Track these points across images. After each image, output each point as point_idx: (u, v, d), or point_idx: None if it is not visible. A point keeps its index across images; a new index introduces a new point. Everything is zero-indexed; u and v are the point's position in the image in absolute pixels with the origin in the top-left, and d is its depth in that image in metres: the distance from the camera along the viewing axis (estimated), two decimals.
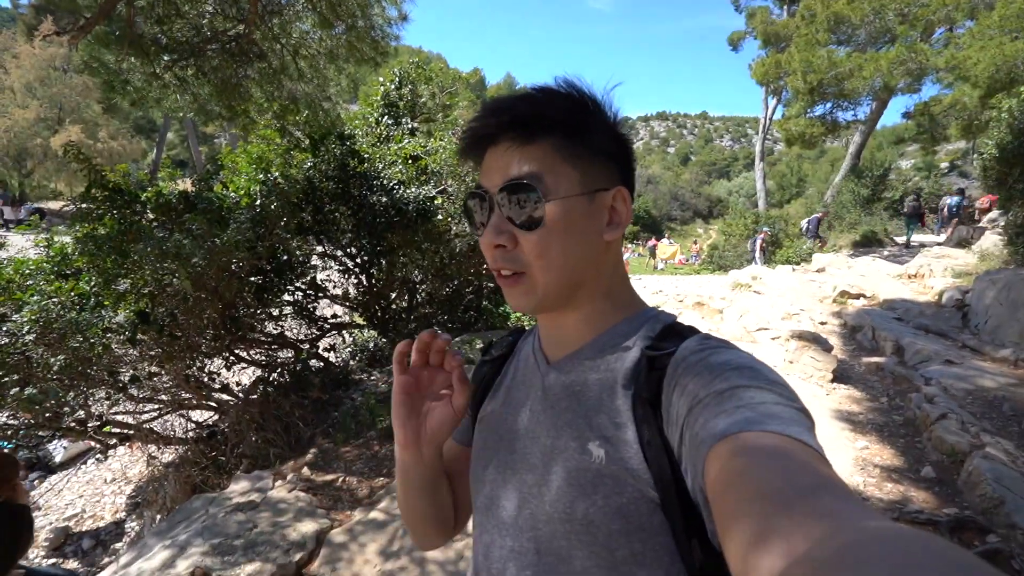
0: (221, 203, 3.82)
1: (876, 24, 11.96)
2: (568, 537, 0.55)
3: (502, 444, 0.66)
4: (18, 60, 20.97)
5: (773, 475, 0.36)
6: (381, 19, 4.42)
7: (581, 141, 0.58)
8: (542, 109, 0.57)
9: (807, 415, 0.45)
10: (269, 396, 4.04)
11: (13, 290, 3.34)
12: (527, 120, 0.57)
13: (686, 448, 0.47)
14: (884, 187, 16.02)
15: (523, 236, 0.57)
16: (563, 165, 0.57)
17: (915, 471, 3.30)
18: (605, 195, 0.59)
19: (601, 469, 0.54)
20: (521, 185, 0.56)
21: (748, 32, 23.54)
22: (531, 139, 0.57)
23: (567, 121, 0.57)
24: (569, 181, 0.57)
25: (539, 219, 0.56)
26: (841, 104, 13.97)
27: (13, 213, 15.66)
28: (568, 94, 0.59)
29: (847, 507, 0.32)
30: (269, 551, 2.38)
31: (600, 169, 0.59)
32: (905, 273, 8.95)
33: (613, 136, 0.61)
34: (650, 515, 0.52)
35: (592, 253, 0.60)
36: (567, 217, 0.57)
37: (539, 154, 0.57)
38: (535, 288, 0.59)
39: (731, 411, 0.44)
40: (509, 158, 0.58)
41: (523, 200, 0.56)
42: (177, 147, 36.01)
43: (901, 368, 4.92)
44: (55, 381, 3.23)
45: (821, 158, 43.80)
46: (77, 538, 4.39)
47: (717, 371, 0.49)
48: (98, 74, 4.14)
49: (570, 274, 0.59)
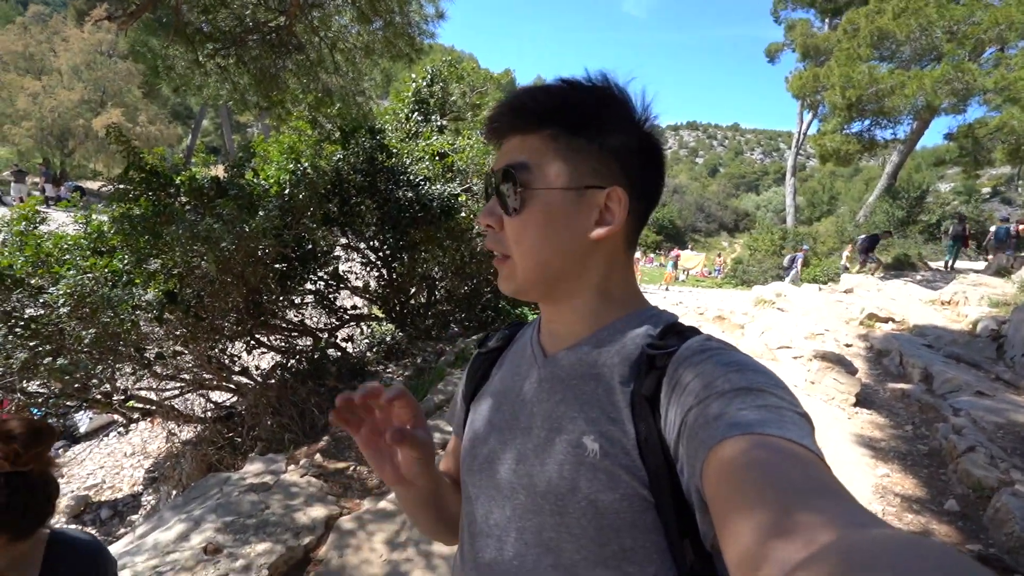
0: (251, 190, 3.91)
1: (922, 41, 11.59)
2: (558, 529, 0.55)
3: (494, 434, 0.65)
4: (67, 44, 21.80)
5: (775, 479, 0.36)
6: (418, 16, 4.47)
7: (582, 136, 0.57)
8: (546, 101, 0.58)
9: (807, 419, 0.45)
10: (287, 382, 4.12)
11: (52, 263, 3.48)
12: (527, 110, 0.58)
13: (684, 447, 0.47)
14: (920, 209, 15.55)
15: (506, 220, 0.59)
16: (555, 158, 0.57)
17: (938, 503, 3.18)
18: (597, 193, 0.58)
19: (595, 463, 0.54)
20: (507, 172, 0.58)
21: (786, 44, 23.12)
22: (532, 130, 0.58)
23: (570, 115, 0.57)
24: (556, 174, 0.57)
25: (517, 206, 0.58)
26: (880, 122, 13.57)
27: (54, 190, 16.27)
28: (586, 88, 0.58)
29: (848, 511, 0.32)
30: (280, 532, 2.42)
31: (599, 167, 0.58)
32: (938, 299, 8.65)
33: (631, 136, 0.59)
34: (642, 512, 0.52)
35: (574, 248, 0.59)
36: (547, 209, 0.57)
37: (535, 144, 0.58)
38: (515, 273, 0.60)
39: (732, 414, 0.43)
40: (511, 146, 0.60)
41: (507, 186, 0.58)
42: (211, 134, 36.98)
43: (928, 396, 4.76)
44: (85, 353, 3.34)
45: (855, 176, 42.69)
46: (96, 507, 4.54)
47: (719, 372, 0.48)
48: (144, 59, 4.28)
49: (545, 265, 0.59)
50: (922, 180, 16.94)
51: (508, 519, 0.60)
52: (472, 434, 0.69)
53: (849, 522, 0.30)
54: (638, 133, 0.60)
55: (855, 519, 0.31)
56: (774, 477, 0.36)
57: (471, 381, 0.76)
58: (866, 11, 13.02)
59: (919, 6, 11.25)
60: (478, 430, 0.67)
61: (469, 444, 0.68)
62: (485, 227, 0.62)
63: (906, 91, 10.97)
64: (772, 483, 0.36)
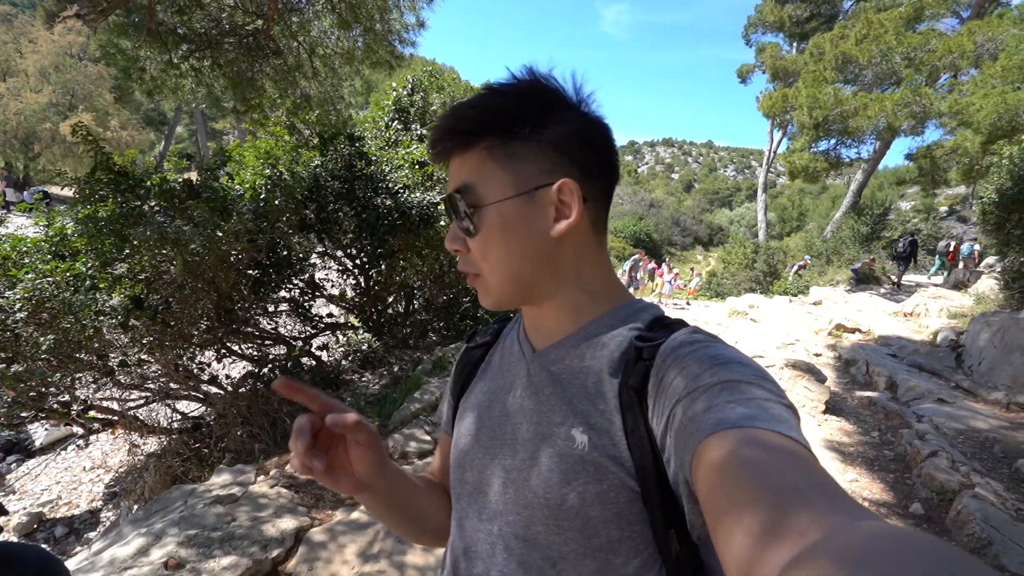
0: (225, 194, 3.83)
1: (882, 66, 12.20)
2: (546, 522, 0.55)
3: (484, 430, 0.65)
4: (35, 45, 21.15)
5: (765, 475, 0.36)
6: (399, 24, 4.49)
7: (517, 139, 0.56)
8: (473, 116, 0.57)
9: (794, 411, 0.45)
10: (258, 391, 4.00)
11: (8, 267, 3.32)
12: (459, 129, 0.58)
13: (671, 439, 0.47)
14: (883, 226, 16.19)
15: (470, 242, 0.59)
16: (495, 170, 0.57)
17: (904, 507, 3.27)
18: (547, 190, 0.56)
19: (583, 455, 0.54)
20: (454, 197, 0.58)
21: (757, 66, 24.02)
22: (468, 146, 0.58)
23: (498, 123, 0.56)
24: (501, 185, 0.56)
25: (475, 227, 0.58)
26: (845, 141, 14.17)
27: (16, 195, 15.63)
28: (508, 90, 0.57)
29: (838, 505, 0.32)
30: (247, 546, 2.32)
31: (543, 164, 0.56)
32: (901, 311, 8.99)
33: (568, 123, 0.58)
34: (629, 503, 0.52)
35: (540, 251, 0.58)
36: (501, 221, 0.57)
37: (474, 161, 0.58)
38: (489, 289, 0.60)
39: (721, 406, 0.44)
40: (453, 168, 0.60)
41: (456, 211, 0.59)
42: (185, 141, 36.17)
43: (894, 404, 4.91)
44: (42, 361, 3.19)
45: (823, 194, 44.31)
46: (50, 524, 4.30)
47: (707, 364, 0.49)
48: (115, 61, 4.17)
49: (516, 274, 0.59)
50: (884, 198, 17.66)
51: (497, 535, 0.60)
52: (464, 437, 0.68)
53: (839, 519, 0.31)
54: (576, 117, 0.58)
55: (845, 513, 0.31)
56: (764, 474, 0.36)
57: (459, 377, 0.75)
58: (831, 36, 13.66)
59: (879, 33, 11.86)
60: (470, 433, 0.67)
61: (457, 461, 0.68)
62: (454, 251, 0.62)
63: (869, 112, 11.50)
64: (762, 480, 0.36)
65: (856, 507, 0.32)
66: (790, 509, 0.32)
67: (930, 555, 0.24)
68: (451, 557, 0.67)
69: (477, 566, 0.61)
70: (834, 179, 24.77)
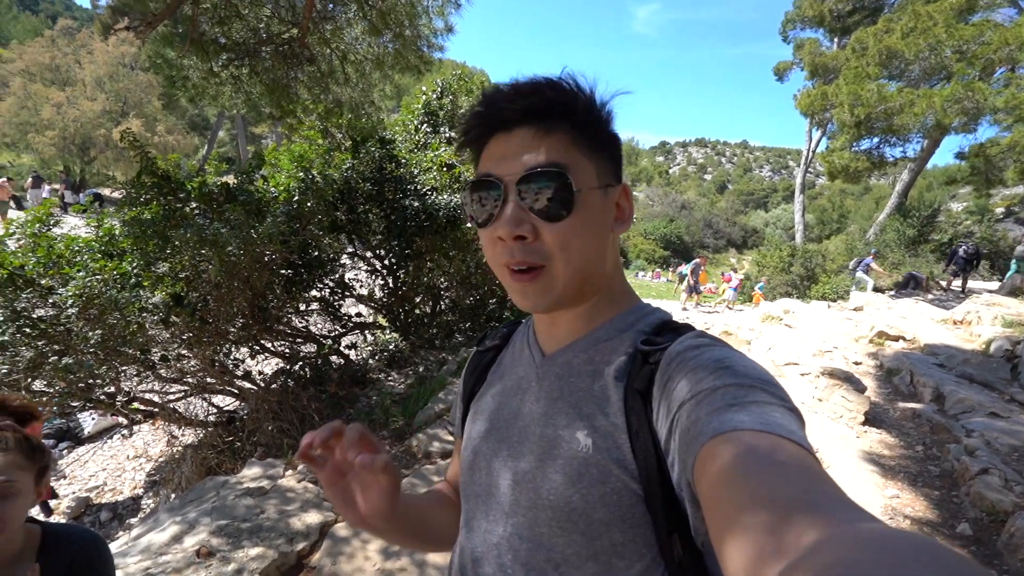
0: (260, 197, 3.96)
1: (931, 60, 11.61)
2: (551, 524, 0.55)
3: (494, 433, 0.65)
4: (92, 56, 22.51)
5: (769, 479, 0.36)
6: (428, 30, 4.57)
7: (592, 135, 0.57)
8: (564, 98, 0.55)
9: (798, 415, 0.45)
10: (288, 387, 4.12)
11: (62, 265, 3.53)
12: (549, 109, 0.55)
13: (675, 442, 0.47)
14: (932, 228, 15.37)
15: (546, 227, 0.54)
16: (582, 157, 0.56)
17: (950, 527, 3.09)
18: (615, 190, 0.59)
19: (587, 458, 0.54)
20: (550, 174, 0.53)
21: (795, 63, 23.24)
22: (551, 129, 0.55)
23: (581, 113, 0.56)
24: (588, 174, 0.56)
25: (567, 210, 0.54)
26: (889, 140, 13.54)
27: (73, 197, 16.62)
28: (579, 88, 0.57)
29: (844, 513, 0.32)
30: (274, 537, 2.40)
31: (606, 165, 0.59)
32: (950, 318, 8.51)
33: (611, 133, 0.60)
34: (632, 506, 0.52)
35: (603, 246, 0.59)
36: (588, 210, 0.56)
37: (560, 144, 0.55)
38: (555, 283, 0.56)
39: (724, 409, 0.43)
40: (528, 146, 0.54)
41: (549, 189, 0.54)
42: (227, 145, 37.70)
43: (940, 416, 4.65)
44: (91, 354, 3.37)
45: (865, 195, 42.47)
46: (96, 509, 4.54)
47: (711, 368, 0.48)
48: (161, 69, 4.40)
49: (585, 268, 0.58)
50: (933, 199, 16.76)
51: (503, 536, 0.60)
52: (474, 440, 0.69)
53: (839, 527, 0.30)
54: (612, 130, 0.61)
55: (848, 521, 0.30)
56: (766, 480, 0.36)
57: (469, 381, 0.76)
58: (875, 31, 13.09)
59: (928, 26, 11.29)
60: (479, 436, 0.67)
61: (470, 450, 0.68)
62: (514, 239, 0.55)
63: (915, 109, 10.96)
64: (764, 488, 0.35)
65: (860, 513, 0.32)
66: (792, 519, 0.32)
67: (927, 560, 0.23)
68: (459, 559, 0.68)
69: (484, 567, 0.61)
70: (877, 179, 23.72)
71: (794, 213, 25.52)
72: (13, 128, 20.24)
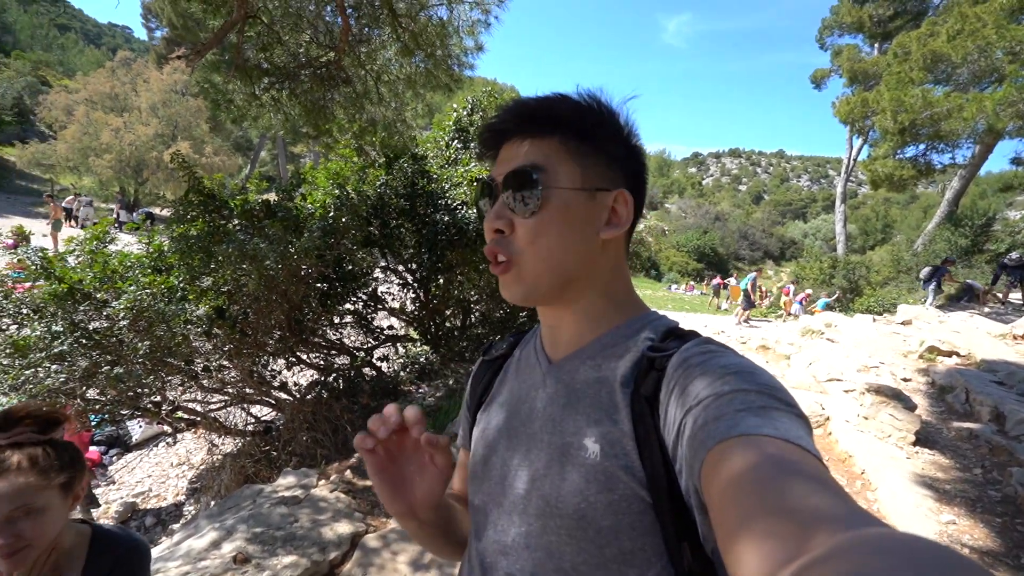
0: (298, 213, 4.12)
1: (980, 63, 11.08)
2: (559, 532, 0.55)
3: (501, 441, 0.66)
4: (147, 84, 24.11)
5: (777, 485, 0.36)
6: (458, 49, 4.70)
7: (589, 142, 0.60)
8: (556, 108, 0.60)
9: (805, 421, 0.45)
10: (322, 398, 4.22)
11: (116, 280, 3.75)
12: (538, 116, 0.60)
13: (682, 448, 0.47)
14: (987, 238, 14.50)
15: (520, 222, 0.60)
16: (567, 160, 0.60)
17: (1014, 557, 2.87)
18: (606, 195, 0.61)
19: (595, 465, 0.54)
20: (522, 172, 0.59)
21: (833, 70, 22.63)
22: (541, 134, 0.60)
23: (576, 121, 0.60)
24: (571, 176, 0.60)
25: (536, 206, 0.59)
26: (936, 146, 12.94)
27: (127, 216, 17.70)
28: (581, 100, 0.61)
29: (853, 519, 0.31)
30: (307, 546, 2.44)
31: (605, 171, 0.61)
32: (1010, 333, 7.98)
33: (623, 144, 0.63)
34: (641, 514, 0.52)
35: (586, 249, 0.61)
36: (563, 208, 0.59)
37: (547, 148, 0.60)
38: (523, 276, 0.60)
39: (731, 414, 0.44)
40: (518, 150, 0.61)
41: (523, 187, 0.59)
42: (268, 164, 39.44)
43: (1000, 438, 4.34)
44: (139, 364, 3.55)
45: (912, 204, 40.57)
46: (142, 514, 4.72)
47: (718, 374, 0.49)
48: (208, 94, 4.67)
49: (559, 265, 0.60)
50: (987, 207, 15.84)
51: (512, 545, 0.60)
52: (481, 449, 0.69)
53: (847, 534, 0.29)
54: (627, 144, 0.64)
55: (856, 527, 0.30)
56: (773, 487, 0.36)
57: (475, 390, 0.77)
58: (918, 34, 12.62)
59: (976, 27, 10.81)
60: (487, 445, 0.68)
61: (479, 458, 0.69)
62: (494, 232, 0.61)
63: (964, 114, 10.46)
64: (772, 495, 0.35)
65: (869, 519, 0.31)
66: (801, 525, 0.32)
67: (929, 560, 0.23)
68: (468, 568, 0.68)
69: (507, 564, 0.61)
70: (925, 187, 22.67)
71: (835, 223, 24.62)
72: (76, 153, 21.76)
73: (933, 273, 10.94)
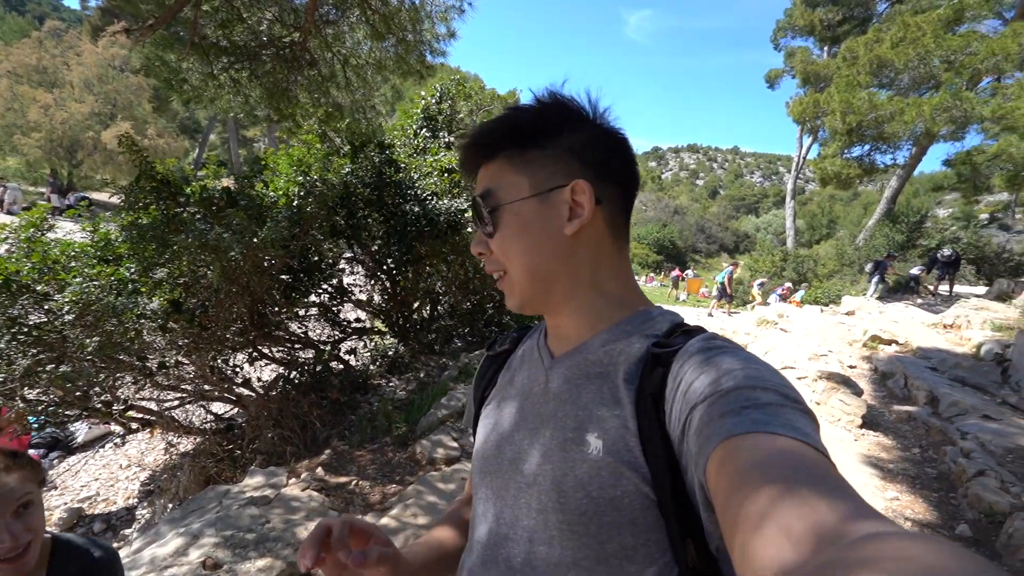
0: (261, 201, 3.93)
1: (920, 69, 11.82)
2: (560, 527, 0.56)
3: (505, 437, 0.66)
4: (80, 58, 22.24)
5: (783, 482, 0.36)
6: (430, 34, 4.57)
7: (532, 148, 0.62)
8: (495, 130, 0.63)
9: (812, 417, 0.45)
10: (289, 394, 4.07)
11: (58, 271, 3.47)
12: (481, 142, 0.64)
13: (688, 444, 0.47)
14: (920, 234, 15.60)
15: (491, 243, 0.64)
16: (512, 174, 0.62)
17: (949, 528, 3.13)
18: (561, 191, 0.61)
19: (598, 460, 0.54)
20: (474, 201, 0.65)
21: (786, 71, 23.60)
22: (491, 157, 0.64)
23: (515, 134, 0.62)
24: (517, 187, 0.62)
25: (494, 227, 0.63)
26: (880, 147, 13.77)
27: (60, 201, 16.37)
28: (527, 108, 0.63)
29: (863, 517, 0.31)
30: (280, 548, 2.36)
31: (558, 168, 0.61)
32: (941, 322, 8.65)
33: (585, 132, 0.63)
34: (644, 510, 0.52)
35: (556, 249, 0.62)
36: (518, 219, 0.61)
37: (494, 169, 0.63)
38: (514, 286, 0.64)
39: (738, 411, 0.43)
40: (479, 178, 0.66)
41: (479, 214, 0.64)
42: (218, 148, 37.38)
43: (935, 419, 4.72)
44: (88, 362, 3.31)
45: (854, 201, 43.07)
46: (89, 520, 4.44)
47: (724, 370, 0.49)
48: (158, 73, 4.35)
49: (534, 270, 0.62)
50: (920, 205, 17.03)
51: (529, 528, 0.59)
52: (494, 440, 0.69)
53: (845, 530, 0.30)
54: (591, 127, 0.63)
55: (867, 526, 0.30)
56: (780, 482, 0.36)
57: (479, 384, 0.78)
58: (865, 40, 13.33)
59: (916, 36, 11.52)
60: (500, 436, 0.68)
61: (491, 449, 0.69)
62: (479, 255, 0.66)
63: (905, 118, 11.16)
64: (778, 490, 0.35)
65: (876, 518, 0.31)
66: (807, 525, 0.31)
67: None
68: (469, 559, 0.67)
69: (491, 571, 0.61)
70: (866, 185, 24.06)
71: (785, 218, 25.83)
72: None
73: (877, 266, 12.04)
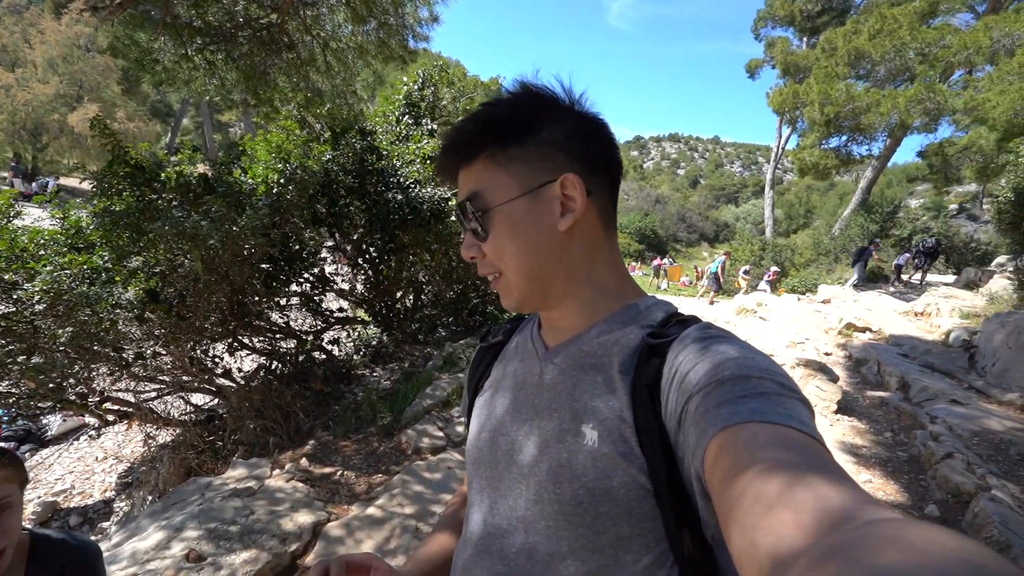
0: (240, 188, 3.83)
1: (896, 62, 12.05)
2: (556, 518, 0.56)
3: (497, 427, 0.66)
4: (43, 36, 21.19)
5: (781, 470, 0.36)
6: (413, 19, 4.46)
7: (514, 145, 0.59)
8: (471, 130, 0.60)
9: (807, 405, 0.46)
10: (271, 384, 4.02)
11: (26, 259, 3.33)
12: (459, 145, 0.62)
13: (685, 435, 0.48)
14: (893, 224, 16.05)
15: (483, 245, 0.62)
16: (498, 174, 0.60)
17: (919, 509, 3.26)
18: (551, 187, 0.59)
19: (593, 451, 0.55)
20: (461, 205, 0.62)
21: (767, 61, 23.78)
22: (471, 159, 0.61)
23: (498, 129, 0.60)
24: (505, 187, 0.60)
25: (485, 229, 0.61)
26: (856, 138, 14.04)
27: (24, 186, 15.72)
28: (506, 102, 0.60)
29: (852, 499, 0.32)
30: (265, 539, 2.34)
31: (543, 164, 0.59)
32: (912, 310, 8.93)
33: (564, 122, 0.61)
34: (640, 500, 0.52)
35: (551, 246, 0.60)
36: (509, 220, 0.60)
37: (477, 171, 0.61)
38: (511, 288, 0.62)
39: (734, 400, 0.44)
40: (461, 181, 0.63)
41: (467, 218, 0.62)
42: (191, 133, 36.23)
43: (906, 404, 4.89)
44: (61, 352, 3.21)
45: (830, 191, 43.99)
46: (64, 514, 4.34)
47: (720, 360, 0.48)
48: (129, 53, 4.17)
49: (531, 270, 0.60)
50: (894, 196, 17.49)
51: (524, 519, 0.59)
52: (476, 431, 0.70)
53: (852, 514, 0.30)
54: (571, 116, 0.61)
55: (864, 513, 0.30)
56: (777, 471, 0.36)
57: (473, 375, 0.78)
58: (843, 31, 13.50)
59: (892, 28, 11.71)
60: (494, 427, 0.68)
61: (485, 441, 0.68)
62: (470, 259, 0.64)
63: (881, 109, 11.37)
64: (775, 479, 0.35)
65: (875, 505, 0.32)
66: (804, 513, 0.32)
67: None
68: (463, 551, 0.67)
69: (486, 561, 0.61)
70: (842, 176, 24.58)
71: (764, 208, 26.25)
72: None
73: (860, 253, 12.33)
